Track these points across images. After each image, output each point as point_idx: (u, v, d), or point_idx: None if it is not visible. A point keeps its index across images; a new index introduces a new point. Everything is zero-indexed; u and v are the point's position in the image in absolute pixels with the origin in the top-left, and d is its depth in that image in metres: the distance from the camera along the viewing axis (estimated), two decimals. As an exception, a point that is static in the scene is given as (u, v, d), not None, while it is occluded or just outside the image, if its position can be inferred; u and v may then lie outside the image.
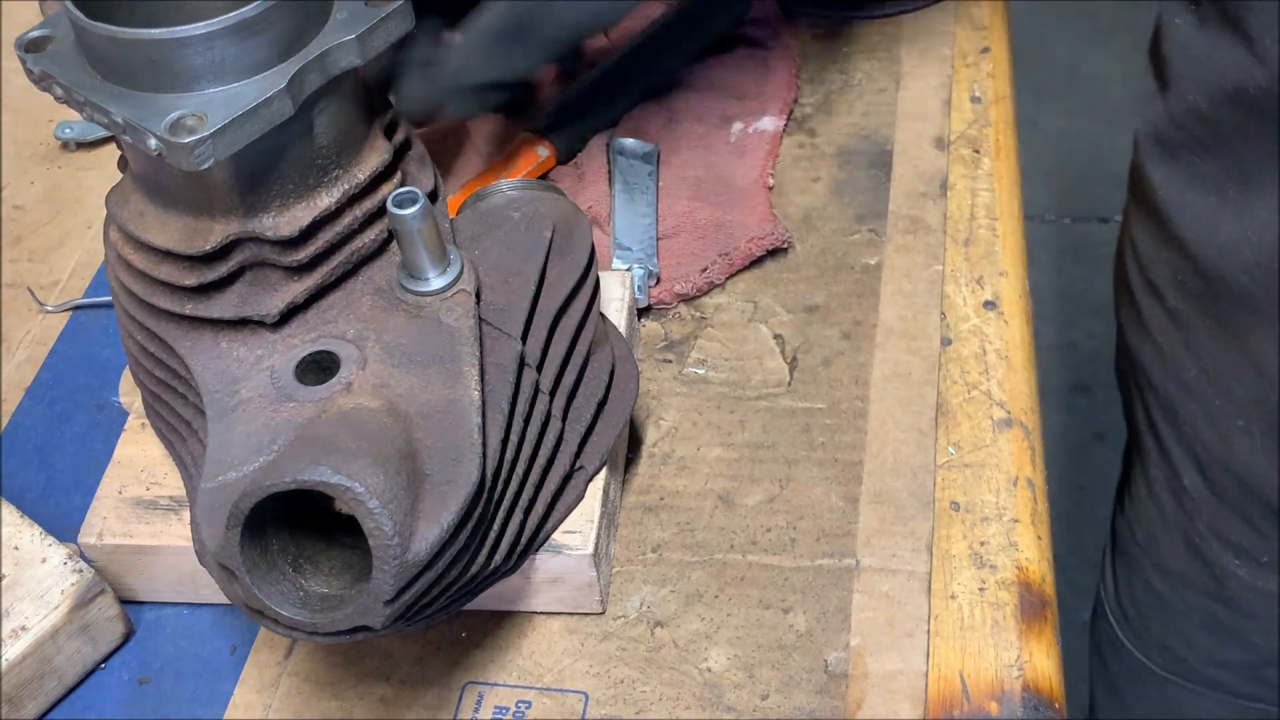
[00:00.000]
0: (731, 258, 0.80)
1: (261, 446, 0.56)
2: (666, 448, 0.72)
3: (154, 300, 0.60)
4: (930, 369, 0.74)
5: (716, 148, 0.87)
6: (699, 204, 0.82)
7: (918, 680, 0.61)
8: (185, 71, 0.54)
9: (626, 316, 0.72)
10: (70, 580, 0.63)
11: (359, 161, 0.60)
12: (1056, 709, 0.60)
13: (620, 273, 0.74)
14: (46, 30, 0.57)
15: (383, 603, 0.51)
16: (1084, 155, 2.36)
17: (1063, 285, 2.11)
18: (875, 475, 0.69)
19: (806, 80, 0.92)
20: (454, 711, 0.62)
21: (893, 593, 0.64)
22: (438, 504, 0.53)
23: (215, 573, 0.55)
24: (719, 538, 0.67)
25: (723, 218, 0.81)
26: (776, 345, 0.76)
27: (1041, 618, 0.63)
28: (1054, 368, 1.98)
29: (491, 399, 0.58)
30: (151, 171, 0.58)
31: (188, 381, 0.60)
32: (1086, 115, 2.43)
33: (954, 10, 0.96)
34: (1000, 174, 0.85)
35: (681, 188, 0.84)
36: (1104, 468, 1.93)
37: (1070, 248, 2.18)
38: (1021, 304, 0.78)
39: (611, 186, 0.83)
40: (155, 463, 0.66)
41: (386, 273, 0.61)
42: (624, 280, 0.74)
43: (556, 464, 0.62)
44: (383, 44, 0.58)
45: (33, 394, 0.78)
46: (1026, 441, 0.70)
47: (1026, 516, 0.67)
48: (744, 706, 0.61)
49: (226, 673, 0.64)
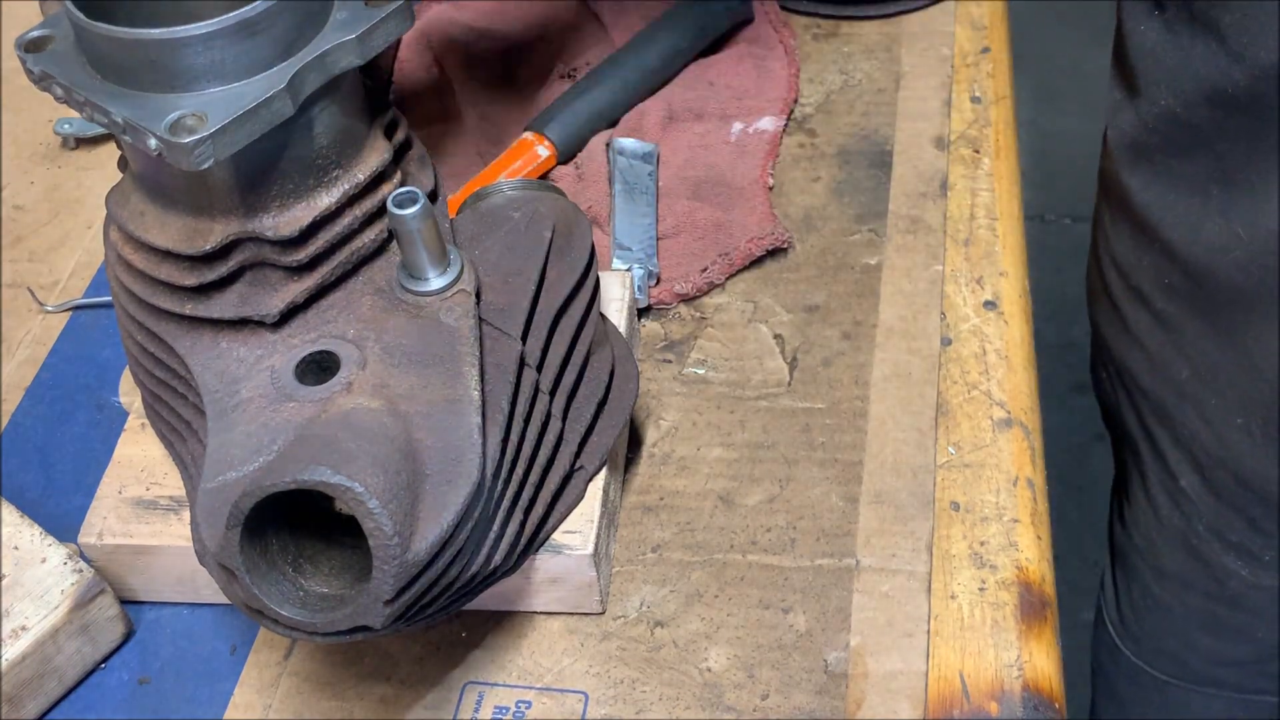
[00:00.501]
0: (731, 258, 0.80)
1: (261, 446, 0.56)
2: (666, 448, 0.72)
3: (154, 300, 0.60)
4: (930, 369, 0.74)
5: (716, 148, 0.87)
6: (699, 204, 0.82)
7: (918, 680, 0.61)
8: (185, 71, 0.54)
9: (626, 316, 0.72)
10: (70, 580, 0.63)
11: (359, 161, 0.60)
12: (1056, 709, 0.60)
13: (620, 273, 0.74)
14: (46, 30, 0.57)
15: (383, 603, 0.51)
16: (1084, 155, 2.35)
17: (1063, 285, 2.11)
18: (875, 475, 0.69)
19: (806, 80, 0.92)
20: (454, 711, 0.62)
21: (893, 593, 0.64)
22: (438, 504, 0.53)
23: (215, 573, 0.55)
24: (719, 538, 0.67)
25: (723, 218, 0.81)
26: (776, 345, 0.76)
27: (1041, 618, 0.63)
28: (1054, 368, 1.97)
29: (491, 399, 0.58)
30: (151, 171, 0.58)
31: (188, 381, 0.60)
32: (1086, 115, 2.43)
33: (954, 10, 0.96)
34: (1000, 174, 0.85)
35: (681, 188, 0.84)
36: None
37: (1070, 248, 2.18)
38: (1021, 304, 0.78)
39: (611, 186, 0.83)
40: (155, 463, 0.66)
41: (386, 273, 0.61)
42: (624, 280, 0.73)
43: (556, 464, 0.62)
44: (382, 44, 0.58)
45: (33, 394, 0.78)
46: (1026, 441, 0.70)
47: (1026, 516, 0.67)
48: (744, 706, 0.61)
49: (226, 673, 0.64)
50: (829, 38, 0.96)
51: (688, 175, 0.84)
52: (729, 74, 0.91)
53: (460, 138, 0.90)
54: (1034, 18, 2.60)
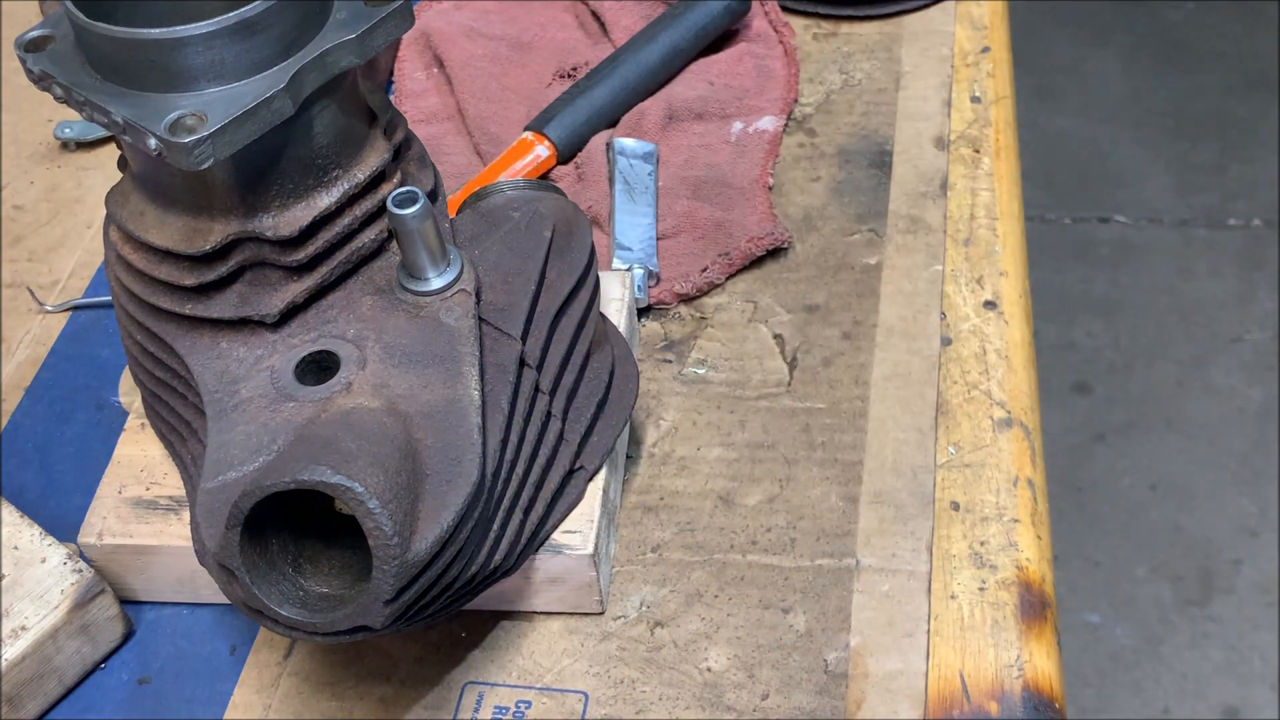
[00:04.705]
0: (731, 257, 0.80)
1: (261, 446, 0.56)
2: (666, 448, 0.72)
3: (154, 300, 0.60)
4: (930, 369, 0.74)
5: (716, 148, 0.87)
6: (699, 204, 0.82)
7: (918, 680, 0.61)
8: (185, 71, 0.54)
9: (626, 316, 0.72)
10: (70, 580, 0.63)
11: (359, 161, 0.60)
12: (1056, 709, 0.60)
13: (620, 273, 0.74)
14: (46, 30, 0.57)
15: (383, 603, 0.51)
16: (1084, 155, 2.36)
17: (1063, 285, 2.11)
18: (875, 475, 0.69)
19: (806, 80, 0.92)
20: (454, 711, 0.62)
21: (893, 593, 0.64)
22: (438, 504, 0.53)
23: (215, 573, 0.55)
24: (719, 538, 0.67)
25: (723, 218, 0.81)
26: (776, 345, 0.76)
27: (1041, 618, 0.63)
28: (1054, 368, 1.98)
29: (491, 399, 0.58)
30: (151, 171, 0.58)
31: (187, 381, 0.60)
32: (1086, 115, 2.43)
33: (954, 10, 0.96)
34: (1000, 174, 0.85)
35: (681, 188, 0.84)
36: (1104, 468, 1.94)
37: (1070, 248, 2.18)
38: (1021, 304, 0.78)
39: (611, 186, 0.83)
40: (155, 463, 0.66)
41: (386, 273, 0.61)
42: (624, 280, 0.73)
43: (556, 464, 0.62)
44: (382, 44, 0.58)
45: (33, 394, 0.78)
46: (1026, 441, 0.70)
47: (1026, 516, 0.67)
48: (744, 706, 0.61)
49: (226, 673, 0.64)
50: (829, 38, 0.96)
51: (688, 175, 0.84)
52: (729, 74, 0.91)
53: (460, 138, 0.90)
54: (1034, 18, 2.60)
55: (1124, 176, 2.31)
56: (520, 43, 0.96)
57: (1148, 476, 1.85)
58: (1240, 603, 1.72)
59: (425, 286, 0.60)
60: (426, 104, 0.92)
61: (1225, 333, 2.03)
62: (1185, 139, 2.36)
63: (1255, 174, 2.28)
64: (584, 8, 0.98)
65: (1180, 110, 2.41)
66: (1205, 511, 1.81)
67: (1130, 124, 2.40)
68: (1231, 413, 1.92)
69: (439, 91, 0.93)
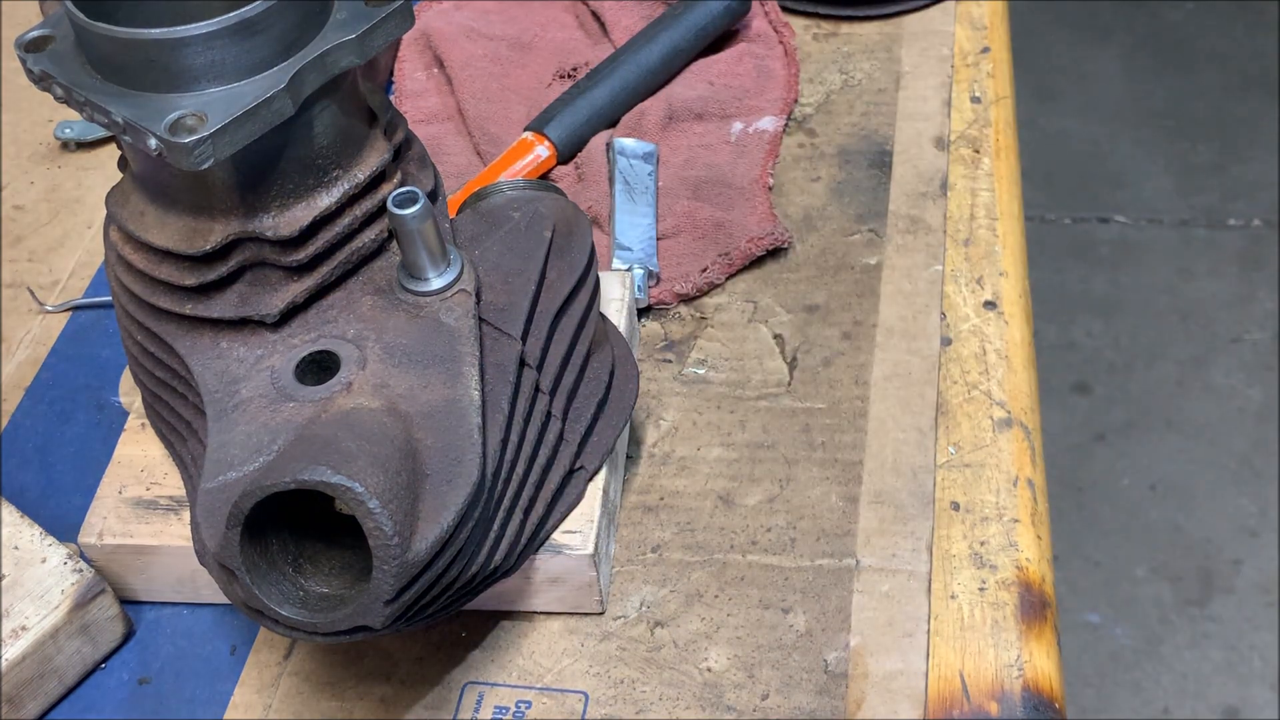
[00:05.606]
0: (731, 258, 0.80)
1: (261, 446, 0.56)
2: (666, 448, 0.72)
3: (154, 300, 0.60)
4: (930, 369, 0.74)
5: (716, 148, 0.87)
6: (699, 204, 0.82)
7: (918, 680, 0.61)
8: (185, 71, 0.54)
9: (626, 316, 0.72)
10: (70, 580, 0.63)
11: (359, 161, 0.60)
12: (1056, 709, 0.60)
13: (620, 273, 0.74)
14: (46, 30, 0.57)
15: (383, 603, 0.51)
16: (1084, 155, 2.36)
17: (1062, 285, 2.11)
18: (875, 475, 0.69)
19: (806, 80, 0.92)
20: (454, 711, 0.62)
21: (893, 593, 0.64)
22: (438, 504, 0.53)
23: (215, 573, 0.55)
24: (719, 538, 0.67)
25: (723, 218, 0.81)
26: (776, 345, 0.76)
27: (1041, 618, 0.63)
28: (1054, 368, 1.98)
29: (491, 399, 0.58)
30: (151, 171, 0.58)
31: (188, 381, 0.60)
32: (1086, 115, 2.43)
33: (954, 10, 0.96)
34: (1000, 174, 0.85)
35: (681, 188, 0.84)
36: (1104, 468, 1.94)
37: (1070, 248, 2.18)
38: (1021, 304, 0.78)
39: (611, 186, 0.83)
40: (155, 463, 0.66)
41: (386, 273, 0.61)
42: (624, 280, 0.73)
43: (556, 464, 0.62)
44: (382, 44, 0.58)
45: (33, 394, 0.78)
46: (1026, 441, 0.70)
47: (1026, 516, 0.67)
48: (744, 706, 0.61)
49: (226, 673, 0.64)
50: (829, 38, 0.96)
51: (688, 175, 0.84)
52: (729, 74, 0.91)
53: (460, 138, 0.90)
54: (1034, 18, 2.60)
55: (1124, 176, 2.31)
56: (520, 43, 0.96)
57: (1147, 476, 1.85)
58: (1240, 603, 1.72)
59: (425, 286, 0.60)
60: (426, 104, 0.92)
61: (1225, 333, 2.03)
62: (1185, 139, 2.36)
63: (1255, 174, 2.28)
64: (584, 8, 0.98)
65: (1180, 110, 2.41)
66: (1205, 511, 1.81)
67: (1130, 124, 2.40)
68: (1231, 413, 1.92)
69: (439, 91, 0.93)
